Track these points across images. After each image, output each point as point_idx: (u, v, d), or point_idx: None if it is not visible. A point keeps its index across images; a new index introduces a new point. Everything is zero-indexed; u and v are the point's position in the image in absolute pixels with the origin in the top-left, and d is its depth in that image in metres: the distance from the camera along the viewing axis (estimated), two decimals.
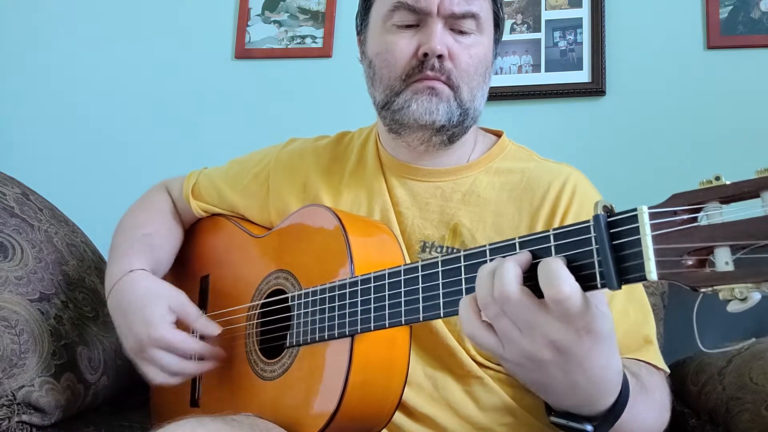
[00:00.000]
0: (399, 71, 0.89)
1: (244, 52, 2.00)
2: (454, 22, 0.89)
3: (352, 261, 0.79)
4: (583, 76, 1.75)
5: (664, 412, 0.79)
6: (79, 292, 1.11)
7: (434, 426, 0.86)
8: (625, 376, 0.65)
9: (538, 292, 0.56)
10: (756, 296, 0.47)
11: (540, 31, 1.81)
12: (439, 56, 0.87)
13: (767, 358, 0.98)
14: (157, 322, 0.90)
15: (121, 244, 1.05)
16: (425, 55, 0.87)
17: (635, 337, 0.85)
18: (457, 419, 0.86)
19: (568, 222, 0.88)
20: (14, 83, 2.12)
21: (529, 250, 0.59)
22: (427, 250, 0.91)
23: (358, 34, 1.00)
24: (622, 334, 0.82)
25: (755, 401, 0.94)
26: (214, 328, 0.94)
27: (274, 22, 2.00)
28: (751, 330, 1.18)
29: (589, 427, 0.64)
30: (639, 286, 0.90)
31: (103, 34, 2.11)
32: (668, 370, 0.87)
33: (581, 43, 1.77)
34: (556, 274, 0.54)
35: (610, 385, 0.62)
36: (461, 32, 0.89)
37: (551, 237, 0.58)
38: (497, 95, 1.77)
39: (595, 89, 1.73)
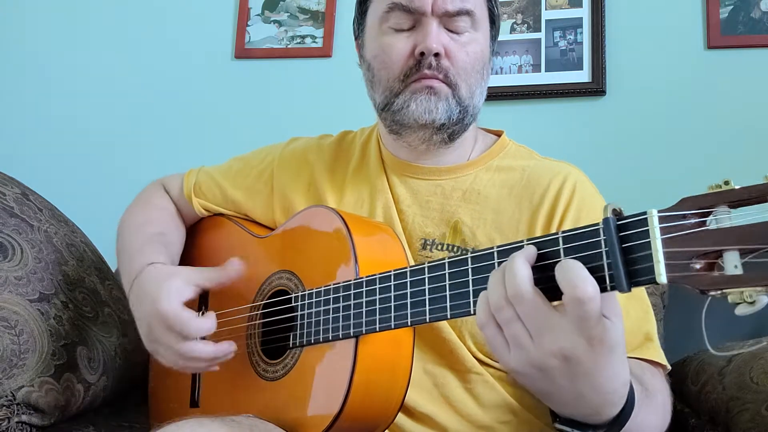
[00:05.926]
0: (397, 72, 0.90)
1: (244, 51, 2.00)
2: (449, 21, 0.89)
3: (356, 262, 0.79)
4: (583, 76, 1.75)
5: (666, 414, 0.79)
6: (79, 292, 1.10)
7: (434, 425, 0.86)
8: (630, 384, 0.64)
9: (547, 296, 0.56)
10: (765, 300, 0.47)
11: (540, 31, 1.81)
12: (436, 55, 0.88)
13: (767, 358, 0.98)
14: (163, 298, 0.85)
15: (133, 242, 1.03)
16: (422, 54, 0.88)
17: (636, 334, 0.85)
18: (457, 417, 0.86)
19: (567, 220, 0.89)
20: (14, 83, 2.12)
21: (533, 243, 0.59)
22: (428, 247, 0.91)
23: (356, 39, 1.01)
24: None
25: (755, 401, 0.93)
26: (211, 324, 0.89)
27: (274, 21, 2.00)
28: (755, 329, 1.18)
29: None
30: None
31: (104, 33, 2.11)
32: (669, 366, 0.87)
33: (581, 42, 1.77)
34: (579, 274, 0.54)
35: (616, 396, 0.62)
36: (456, 30, 0.90)
37: (560, 239, 0.58)
38: (497, 95, 1.77)
39: (595, 89, 1.73)
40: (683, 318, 1.30)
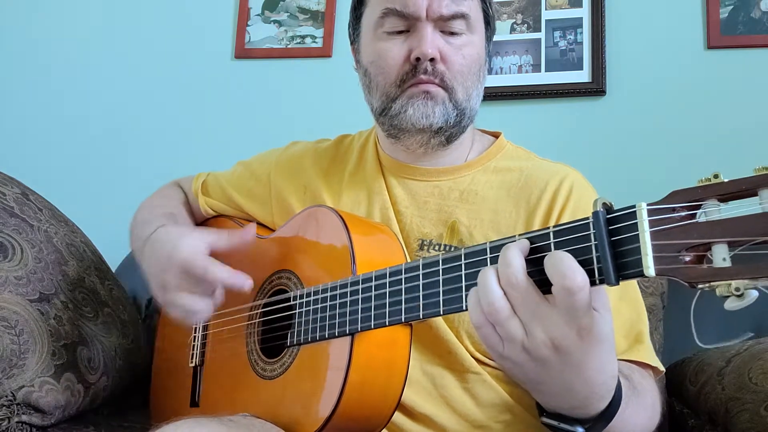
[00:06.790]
0: (393, 77, 0.90)
1: (243, 51, 2.00)
2: (444, 24, 0.89)
3: (354, 261, 0.79)
4: (583, 76, 1.75)
5: (654, 415, 0.79)
6: (79, 293, 1.10)
7: (432, 425, 0.86)
8: (618, 379, 0.65)
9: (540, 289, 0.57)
10: (753, 294, 0.47)
11: (540, 31, 1.81)
12: (432, 59, 0.88)
13: (766, 359, 0.98)
14: (183, 246, 0.85)
15: (145, 221, 1.04)
16: (417, 59, 0.88)
17: (627, 335, 0.85)
18: (455, 417, 0.86)
19: (564, 220, 0.88)
20: (14, 83, 2.12)
21: (527, 238, 0.59)
22: (425, 247, 0.92)
23: (351, 43, 1.02)
24: (614, 333, 0.82)
25: (755, 401, 0.93)
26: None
27: (274, 21, 2.00)
28: (749, 329, 1.18)
29: (580, 430, 0.64)
30: (634, 285, 0.90)
31: (103, 33, 2.11)
32: (662, 368, 0.87)
33: (581, 43, 1.77)
34: (569, 264, 0.54)
35: (604, 388, 0.62)
36: (452, 33, 0.90)
37: (551, 234, 0.58)
38: (497, 95, 1.77)
39: (595, 89, 1.73)
40: (682, 319, 1.30)
